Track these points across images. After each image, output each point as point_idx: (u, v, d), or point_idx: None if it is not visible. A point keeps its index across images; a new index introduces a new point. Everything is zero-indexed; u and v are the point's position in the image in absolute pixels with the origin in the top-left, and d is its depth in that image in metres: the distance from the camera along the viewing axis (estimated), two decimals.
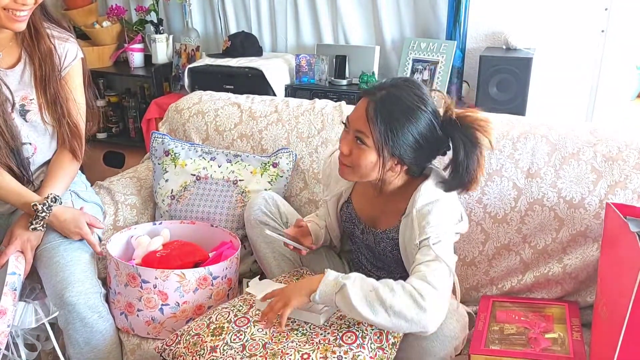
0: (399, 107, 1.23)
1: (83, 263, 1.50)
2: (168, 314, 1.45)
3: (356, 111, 1.28)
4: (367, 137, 1.24)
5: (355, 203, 1.47)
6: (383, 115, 1.22)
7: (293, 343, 1.23)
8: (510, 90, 2.29)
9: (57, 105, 1.54)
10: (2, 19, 1.38)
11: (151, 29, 3.09)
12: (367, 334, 1.24)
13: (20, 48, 1.52)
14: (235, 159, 1.84)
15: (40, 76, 1.52)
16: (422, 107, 1.24)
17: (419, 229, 1.25)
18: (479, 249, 1.60)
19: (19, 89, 1.51)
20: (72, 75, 1.58)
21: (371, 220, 1.44)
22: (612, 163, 1.49)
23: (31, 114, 1.53)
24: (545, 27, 2.47)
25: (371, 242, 1.44)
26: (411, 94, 1.24)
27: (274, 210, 1.58)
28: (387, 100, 1.23)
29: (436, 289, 1.16)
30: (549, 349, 1.32)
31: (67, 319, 1.43)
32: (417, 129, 1.24)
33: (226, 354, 1.23)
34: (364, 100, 1.27)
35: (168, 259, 1.51)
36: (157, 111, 2.80)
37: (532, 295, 1.56)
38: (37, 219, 1.48)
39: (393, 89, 1.25)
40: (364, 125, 1.24)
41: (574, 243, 1.50)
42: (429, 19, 2.64)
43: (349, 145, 1.28)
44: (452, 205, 1.32)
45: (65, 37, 1.56)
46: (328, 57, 2.67)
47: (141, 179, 1.97)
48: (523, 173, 1.56)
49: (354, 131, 1.27)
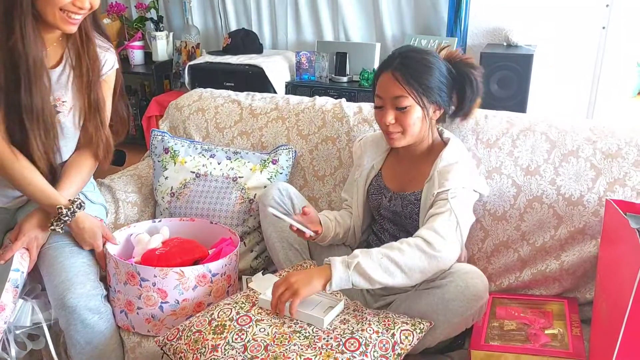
0: (417, 64, 1.40)
1: (85, 265, 1.50)
2: (168, 311, 1.45)
3: (384, 84, 1.42)
4: (406, 97, 1.39)
5: (385, 174, 1.56)
6: (410, 74, 1.39)
7: (295, 346, 1.22)
8: (511, 87, 2.29)
9: (96, 110, 1.56)
10: (56, 19, 1.38)
11: (151, 27, 3.09)
12: (371, 341, 1.22)
13: (64, 50, 1.51)
14: (234, 156, 1.84)
15: (87, 81, 1.52)
16: (433, 57, 1.43)
17: (439, 184, 1.38)
18: (478, 246, 1.60)
19: (55, 89, 1.50)
20: (106, 83, 1.60)
21: (400, 187, 1.52)
22: (612, 160, 1.49)
23: (61, 116, 1.52)
24: (546, 23, 2.47)
25: (398, 207, 1.50)
26: (420, 52, 1.44)
27: (287, 202, 1.60)
28: (405, 64, 1.40)
29: (443, 238, 1.28)
30: (548, 344, 1.32)
31: (67, 320, 1.43)
32: (440, 73, 1.42)
33: (227, 354, 1.22)
34: (386, 73, 1.42)
35: (167, 257, 1.51)
36: (157, 109, 2.81)
37: (531, 292, 1.56)
38: (59, 221, 1.48)
39: (403, 54, 1.42)
40: (399, 89, 1.39)
41: (572, 240, 1.51)
42: (430, 15, 2.64)
43: (392, 114, 1.42)
44: (471, 168, 1.47)
45: (106, 47, 1.58)
46: (328, 54, 2.68)
47: (142, 176, 1.97)
48: (522, 170, 1.56)
49: (391, 99, 1.41)
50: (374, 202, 1.57)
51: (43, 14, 1.38)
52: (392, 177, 1.55)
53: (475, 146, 1.61)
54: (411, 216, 1.48)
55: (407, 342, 1.24)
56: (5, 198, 1.59)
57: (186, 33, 3.02)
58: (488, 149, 1.60)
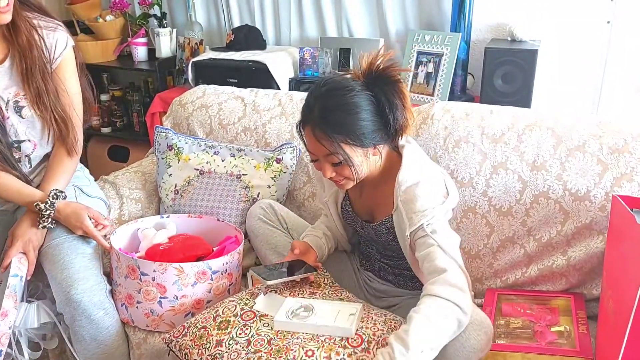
0: (339, 113, 1.25)
1: (87, 260, 1.50)
2: (167, 307, 1.45)
3: (310, 143, 1.31)
4: (337, 153, 1.27)
5: (353, 199, 1.48)
6: (332, 128, 1.25)
7: (298, 339, 1.23)
8: (516, 83, 2.27)
9: (41, 98, 1.49)
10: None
11: (155, 23, 3.08)
12: (374, 339, 1.22)
13: (8, 43, 1.48)
14: (238, 153, 1.83)
15: (22, 70, 1.47)
16: (353, 97, 1.25)
17: (408, 220, 1.26)
18: (484, 241, 1.59)
19: (10, 85, 1.48)
20: (64, 66, 1.53)
21: (368, 214, 1.45)
22: (619, 155, 1.48)
23: (26, 110, 1.50)
24: (550, 18, 2.45)
25: (372, 236, 1.44)
26: (337, 93, 1.26)
27: (273, 217, 1.61)
28: (324, 117, 1.26)
29: (462, 290, 1.18)
30: (555, 342, 1.31)
31: (73, 316, 1.43)
32: (365, 111, 1.26)
33: (231, 349, 1.23)
34: (307, 129, 1.29)
35: (170, 252, 1.51)
36: (161, 105, 2.80)
37: (537, 287, 1.55)
38: (43, 217, 1.48)
39: (321, 105, 1.27)
40: (327, 148, 1.26)
41: (578, 235, 1.50)
42: (434, 10, 2.63)
43: (330, 169, 1.31)
44: (433, 184, 1.31)
45: (53, 26, 1.51)
46: (332, 49, 2.66)
47: (146, 173, 1.97)
48: (528, 165, 1.55)
49: (324, 157, 1.30)
50: (350, 226, 1.53)
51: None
52: (359, 206, 1.47)
53: (480, 141, 1.60)
54: (388, 243, 1.41)
55: None
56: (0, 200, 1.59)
57: (189, 29, 3.01)
58: (493, 144, 1.59)
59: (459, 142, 1.62)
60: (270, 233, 1.59)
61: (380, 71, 1.28)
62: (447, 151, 1.63)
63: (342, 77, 1.30)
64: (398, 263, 1.45)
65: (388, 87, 1.27)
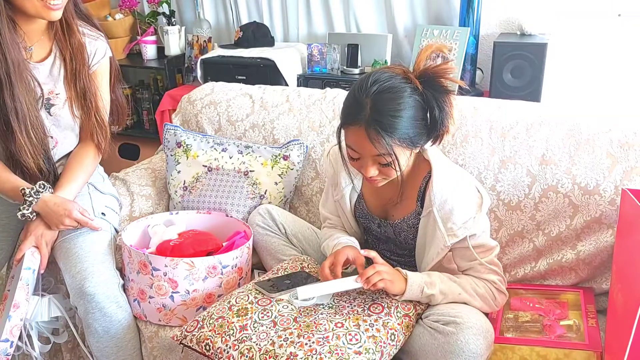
0: (392, 117, 1.20)
1: (101, 254, 1.52)
2: (178, 301, 1.47)
3: (359, 141, 1.23)
4: (388, 154, 1.22)
5: (367, 197, 1.47)
6: (386, 130, 1.19)
7: (323, 314, 1.28)
8: (525, 77, 2.26)
9: (86, 99, 1.57)
10: (37, 8, 1.40)
11: (163, 21, 3.10)
12: (393, 304, 1.30)
13: (52, 42, 1.54)
14: (246, 150, 1.84)
15: (71, 70, 1.54)
16: (405, 96, 1.21)
17: (446, 230, 1.29)
18: (493, 236, 1.59)
19: (46, 82, 1.53)
20: (100, 73, 1.61)
21: (386, 213, 1.44)
22: (628, 148, 1.47)
23: (55, 108, 1.54)
24: (560, 11, 2.43)
25: (391, 234, 1.44)
26: (389, 95, 1.21)
27: (271, 223, 1.62)
28: (378, 119, 1.20)
29: (504, 293, 1.34)
30: (564, 336, 1.31)
31: (86, 308, 1.45)
32: (417, 115, 1.22)
33: (258, 330, 1.25)
34: (357, 128, 1.22)
35: (181, 248, 1.52)
36: (170, 103, 2.82)
37: (546, 282, 1.55)
38: (25, 203, 1.49)
39: (373, 102, 1.21)
40: (379, 149, 1.22)
41: (588, 229, 1.49)
42: (442, 5, 2.62)
43: (375, 168, 1.27)
44: (469, 189, 1.32)
45: (95, 35, 1.59)
46: (340, 46, 2.66)
47: (156, 170, 1.98)
48: (537, 160, 1.54)
49: (372, 157, 1.25)
50: (363, 224, 1.51)
51: (22, 8, 1.40)
52: (376, 203, 1.44)
53: (489, 136, 1.60)
54: (407, 241, 1.41)
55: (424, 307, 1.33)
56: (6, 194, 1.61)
57: (198, 27, 3.02)
58: (502, 139, 1.59)
59: (468, 136, 1.62)
60: (269, 239, 1.61)
61: (437, 79, 1.23)
62: (456, 146, 1.63)
63: (389, 76, 1.23)
64: (409, 260, 1.46)
65: (440, 95, 1.23)
